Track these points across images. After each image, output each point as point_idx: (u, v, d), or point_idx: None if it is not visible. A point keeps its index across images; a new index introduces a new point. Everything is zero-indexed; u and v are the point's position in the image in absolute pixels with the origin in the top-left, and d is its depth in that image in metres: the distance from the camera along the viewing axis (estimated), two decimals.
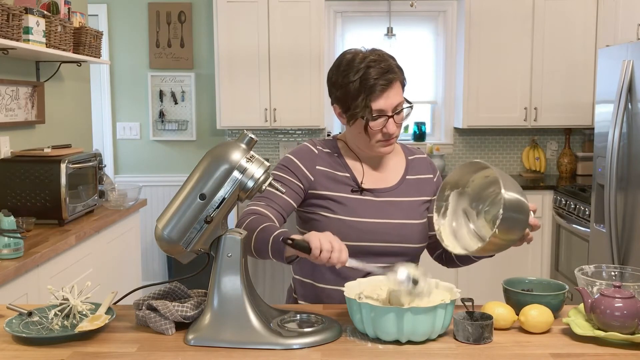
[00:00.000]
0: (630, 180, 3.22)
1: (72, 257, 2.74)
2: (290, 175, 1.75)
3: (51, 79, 3.44)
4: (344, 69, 1.70)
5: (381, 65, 1.67)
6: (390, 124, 1.69)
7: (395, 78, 1.69)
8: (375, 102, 1.66)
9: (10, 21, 2.58)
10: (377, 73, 1.65)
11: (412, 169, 1.85)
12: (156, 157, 5.14)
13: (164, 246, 1.41)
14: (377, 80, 1.65)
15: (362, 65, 1.66)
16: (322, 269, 1.75)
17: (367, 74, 1.65)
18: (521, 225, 1.48)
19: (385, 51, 1.74)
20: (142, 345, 1.38)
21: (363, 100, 1.66)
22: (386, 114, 1.68)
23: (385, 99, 1.67)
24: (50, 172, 2.85)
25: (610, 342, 1.37)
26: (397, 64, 1.72)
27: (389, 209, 1.75)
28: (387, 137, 1.71)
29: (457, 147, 5.10)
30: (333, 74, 1.73)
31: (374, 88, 1.65)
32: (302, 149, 1.81)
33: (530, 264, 4.52)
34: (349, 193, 1.75)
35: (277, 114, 4.72)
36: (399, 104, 1.70)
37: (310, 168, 1.76)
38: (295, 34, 4.64)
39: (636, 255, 3.17)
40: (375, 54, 1.71)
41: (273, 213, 1.67)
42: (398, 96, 1.69)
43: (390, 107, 1.68)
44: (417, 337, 1.36)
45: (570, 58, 4.65)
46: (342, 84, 1.69)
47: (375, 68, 1.66)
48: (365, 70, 1.66)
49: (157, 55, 5.02)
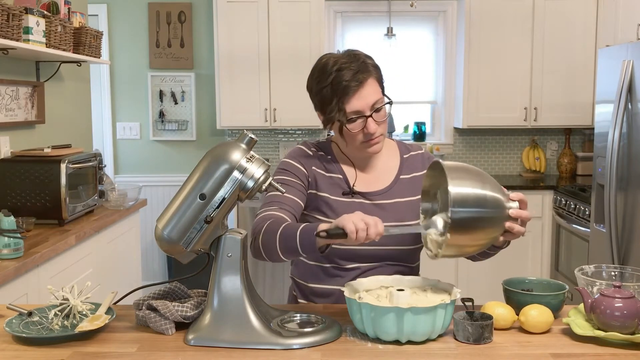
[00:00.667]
0: (630, 180, 3.22)
1: (72, 257, 2.74)
2: (292, 176, 1.74)
3: (51, 79, 3.44)
4: (317, 76, 1.68)
5: (352, 66, 1.63)
6: (370, 123, 1.65)
7: (368, 76, 1.64)
8: (350, 104, 1.63)
9: (10, 21, 2.58)
10: (348, 75, 1.62)
11: (406, 168, 1.81)
12: (156, 157, 5.14)
13: (164, 246, 1.41)
14: (349, 82, 1.62)
15: (334, 68, 1.64)
16: (313, 270, 1.75)
17: (339, 77, 1.63)
18: (490, 221, 1.40)
19: (361, 51, 1.71)
20: (142, 345, 1.38)
21: (337, 103, 1.64)
22: (364, 114, 1.64)
23: (359, 99, 1.63)
24: (50, 172, 2.85)
25: (610, 342, 1.37)
26: (373, 62, 1.69)
27: (379, 212, 1.70)
28: (369, 137, 1.67)
29: (457, 147, 5.10)
30: (309, 82, 1.72)
31: (347, 90, 1.62)
32: (297, 151, 1.80)
33: (530, 264, 4.52)
34: (340, 196, 1.73)
35: (277, 114, 4.72)
36: (377, 101, 1.65)
37: (308, 167, 1.76)
38: (295, 34, 4.65)
39: (636, 255, 3.17)
40: (347, 55, 1.68)
41: (287, 215, 1.64)
42: (374, 94, 1.65)
43: (366, 107, 1.64)
44: (417, 337, 1.37)
45: (570, 58, 4.65)
46: (317, 90, 1.68)
47: (346, 70, 1.63)
48: (336, 73, 1.63)
49: (157, 55, 5.02)
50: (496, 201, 1.41)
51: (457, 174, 1.39)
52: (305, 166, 1.76)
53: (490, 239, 1.44)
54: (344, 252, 1.70)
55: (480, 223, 1.40)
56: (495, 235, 1.44)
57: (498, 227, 1.43)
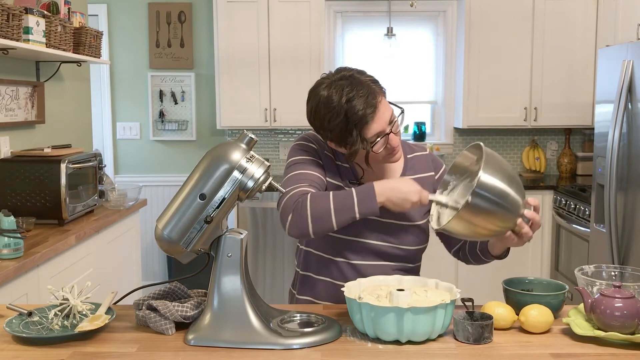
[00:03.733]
0: (630, 180, 3.22)
1: (72, 257, 2.74)
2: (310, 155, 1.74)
3: (51, 79, 3.44)
4: (324, 113, 1.62)
5: (360, 93, 1.60)
6: (391, 139, 1.65)
7: (378, 96, 1.62)
8: (370, 130, 1.61)
9: (10, 21, 2.58)
10: (361, 103, 1.59)
11: (411, 168, 1.81)
12: (156, 157, 5.14)
13: (164, 246, 1.41)
14: (363, 111, 1.59)
15: (343, 101, 1.59)
16: (325, 263, 1.76)
17: (352, 109, 1.59)
18: (502, 214, 1.46)
19: (352, 68, 1.67)
20: (142, 345, 1.38)
21: (357, 135, 1.61)
22: (384, 133, 1.64)
23: (378, 122, 1.62)
24: (50, 172, 2.85)
25: (610, 342, 1.37)
26: (372, 78, 1.66)
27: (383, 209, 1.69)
28: (391, 150, 1.68)
29: (457, 147, 5.10)
30: (315, 119, 1.66)
31: (365, 119, 1.60)
32: (308, 135, 1.80)
33: (530, 264, 4.52)
34: (348, 184, 1.74)
35: (277, 114, 4.72)
36: (391, 115, 1.66)
37: (320, 150, 1.76)
38: (295, 34, 4.65)
39: (636, 255, 3.17)
40: (344, 79, 1.62)
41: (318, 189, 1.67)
42: (387, 111, 1.65)
43: (385, 125, 1.63)
44: (417, 337, 1.37)
45: (570, 58, 4.65)
46: (330, 128, 1.63)
47: (357, 99, 1.59)
48: (348, 105, 1.59)
49: (157, 55, 5.02)
50: (515, 201, 1.47)
51: (493, 164, 1.45)
52: (318, 147, 1.76)
53: (497, 229, 1.50)
54: (354, 246, 1.72)
55: (494, 211, 1.45)
56: (502, 229, 1.50)
57: (508, 223, 1.49)
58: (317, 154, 1.75)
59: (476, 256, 1.78)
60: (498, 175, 1.44)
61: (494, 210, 1.44)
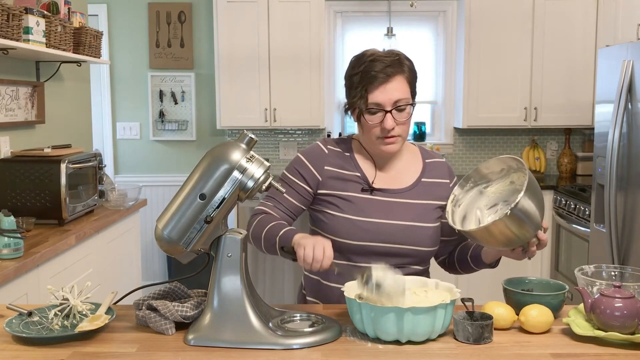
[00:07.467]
0: (630, 180, 3.22)
1: (72, 257, 2.74)
2: (298, 178, 1.77)
3: (51, 79, 3.44)
4: (353, 62, 1.73)
5: (385, 60, 1.67)
6: (387, 118, 1.66)
7: (398, 73, 1.67)
8: (372, 94, 1.65)
9: (10, 21, 2.58)
10: (379, 66, 1.66)
11: (429, 172, 1.82)
12: (156, 157, 5.14)
13: (164, 246, 1.41)
14: (377, 73, 1.65)
15: (369, 58, 1.68)
16: None
17: (370, 66, 1.66)
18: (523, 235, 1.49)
19: (404, 53, 1.74)
20: (142, 345, 1.38)
21: (361, 91, 1.67)
22: (384, 108, 1.66)
23: (384, 93, 1.65)
24: (50, 172, 2.85)
25: (610, 342, 1.37)
26: (410, 64, 1.72)
27: (399, 210, 1.73)
28: (386, 133, 1.68)
29: (457, 147, 5.10)
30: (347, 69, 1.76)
31: (373, 80, 1.65)
32: (313, 149, 1.81)
33: (530, 264, 4.52)
34: (359, 192, 1.74)
35: (277, 114, 4.72)
36: (401, 99, 1.67)
37: (319, 168, 1.77)
38: (295, 34, 4.64)
39: (636, 255, 3.17)
40: (388, 51, 1.72)
41: (279, 213, 1.73)
42: (399, 92, 1.66)
43: (388, 102, 1.66)
44: (417, 337, 1.37)
45: (570, 58, 4.65)
46: (349, 75, 1.72)
47: (379, 62, 1.66)
48: (369, 62, 1.67)
49: (157, 55, 5.02)
50: (538, 225, 1.51)
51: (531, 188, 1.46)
52: (316, 166, 1.77)
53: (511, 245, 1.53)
54: (358, 248, 1.72)
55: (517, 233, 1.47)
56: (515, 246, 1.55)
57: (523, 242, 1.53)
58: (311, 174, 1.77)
59: (465, 264, 1.79)
60: (534, 200, 1.47)
61: (517, 232, 1.47)
